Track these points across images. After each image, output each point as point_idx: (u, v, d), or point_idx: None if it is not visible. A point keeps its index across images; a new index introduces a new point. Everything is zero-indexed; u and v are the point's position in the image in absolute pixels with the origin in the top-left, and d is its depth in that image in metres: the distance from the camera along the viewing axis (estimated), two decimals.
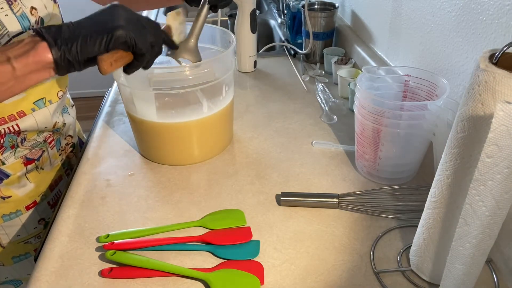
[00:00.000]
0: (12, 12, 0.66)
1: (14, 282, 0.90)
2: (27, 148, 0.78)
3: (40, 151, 0.81)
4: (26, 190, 0.81)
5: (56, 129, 0.83)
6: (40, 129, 0.78)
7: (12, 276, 0.89)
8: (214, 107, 0.78)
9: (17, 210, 0.81)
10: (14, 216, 0.81)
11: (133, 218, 0.68)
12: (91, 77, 2.07)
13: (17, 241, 0.84)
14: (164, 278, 0.58)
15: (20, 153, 0.78)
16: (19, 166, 0.78)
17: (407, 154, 0.71)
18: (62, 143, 0.88)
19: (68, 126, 0.88)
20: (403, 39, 0.90)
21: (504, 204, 0.42)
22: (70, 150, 0.93)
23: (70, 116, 0.89)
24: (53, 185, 0.87)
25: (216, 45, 0.86)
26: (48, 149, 0.83)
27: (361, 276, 0.58)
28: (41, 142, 0.81)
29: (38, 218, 0.85)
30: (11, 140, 0.75)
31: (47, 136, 0.82)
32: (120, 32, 0.53)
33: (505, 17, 0.57)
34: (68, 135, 0.90)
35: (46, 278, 0.58)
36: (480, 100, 0.40)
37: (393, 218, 0.67)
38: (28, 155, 0.79)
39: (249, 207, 0.70)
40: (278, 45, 1.36)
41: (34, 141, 0.79)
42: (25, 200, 0.81)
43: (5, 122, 0.72)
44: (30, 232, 0.84)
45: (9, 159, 0.76)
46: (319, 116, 0.95)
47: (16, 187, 0.79)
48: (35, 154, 0.80)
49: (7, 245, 0.83)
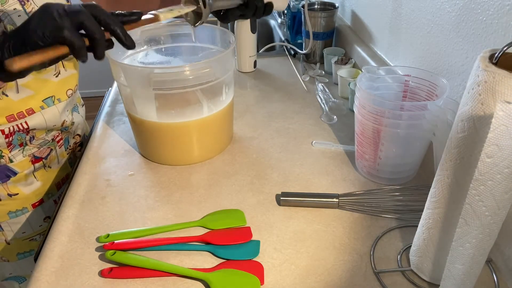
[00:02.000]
0: (25, 12, 0.67)
1: (18, 279, 0.91)
2: (35, 147, 0.80)
3: (48, 149, 0.82)
4: (33, 188, 0.82)
5: (64, 127, 0.84)
6: (48, 127, 0.79)
7: (16, 273, 0.90)
8: (214, 107, 0.78)
9: (23, 208, 0.82)
10: (20, 213, 0.82)
11: (133, 218, 0.68)
12: (91, 77, 2.08)
13: (22, 238, 0.85)
14: (164, 278, 0.58)
15: (28, 151, 0.79)
16: (27, 164, 0.79)
17: (407, 154, 0.71)
18: (70, 142, 0.89)
19: (76, 125, 0.89)
20: (403, 39, 0.90)
21: (504, 204, 0.42)
22: (79, 149, 0.94)
23: (80, 115, 0.90)
24: (59, 184, 0.88)
25: (216, 45, 0.86)
26: (56, 147, 0.84)
27: (361, 276, 0.58)
28: (50, 140, 0.82)
29: (43, 216, 0.86)
30: (20, 138, 0.76)
31: (56, 134, 0.83)
32: (31, 32, 0.51)
33: (505, 17, 0.57)
34: (76, 134, 0.91)
35: (46, 278, 0.58)
36: (480, 100, 0.40)
37: (393, 218, 0.67)
38: (36, 153, 0.80)
39: (249, 207, 0.70)
40: (278, 45, 1.36)
41: (43, 139, 0.81)
42: (32, 198, 0.82)
43: (14, 119, 0.73)
44: (36, 229, 0.85)
45: (17, 156, 0.77)
46: (319, 116, 0.95)
47: (23, 184, 0.80)
48: (43, 152, 0.82)
49: (12, 242, 0.84)
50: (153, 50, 0.88)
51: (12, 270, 0.90)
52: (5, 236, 0.83)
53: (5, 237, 0.83)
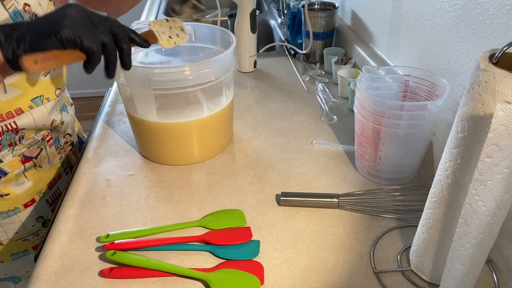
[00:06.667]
0: (4, 8, 0.66)
1: (13, 279, 0.91)
2: (25, 146, 0.79)
3: (38, 149, 0.81)
4: (24, 188, 0.81)
5: (54, 127, 0.83)
6: (38, 126, 0.78)
7: (11, 273, 0.90)
8: (214, 107, 0.78)
9: (15, 208, 0.81)
10: (12, 213, 0.81)
11: (133, 218, 0.68)
12: (91, 77, 2.07)
13: (16, 238, 0.84)
14: (164, 278, 0.58)
15: (18, 151, 0.78)
16: (17, 164, 0.78)
17: (407, 154, 0.71)
18: (61, 142, 0.88)
19: (66, 125, 0.88)
20: (403, 39, 0.90)
21: (504, 204, 0.42)
22: (69, 148, 0.93)
23: (69, 115, 0.89)
24: (51, 184, 0.87)
25: (216, 45, 0.86)
26: (46, 147, 0.83)
27: (361, 276, 0.58)
28: (39, 140, 0.81)
29: (36, 216, 0.85)
30: (9, 138, 0.75)
31: (45, 134, 0.82)
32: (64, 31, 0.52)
33: (505, 17, 0.57)
34: (66, 133, 0.90)
35: (46, 278, 0.58)
36: (480, 100, 0.40)
37: (393, 218, 0.67)
38: (26, 153, 0.79)
39: (249, 207, 0.70)
40: (278, 45, 1.36)
41: (32, 139, 0.79)
42: (23, 198, 0.81)
43: (3, 119, 0.72)
44: (28, 229, 0.85)
45: (7, 157, 0.76)
46: (319, 116, 0.95)
47: (14, 184, 0.79)
48: (33, 152, 0.81)
49: (6, 243, 0.84)
50: (153, 50, 0.88)
51: (6, 271, 0.89)
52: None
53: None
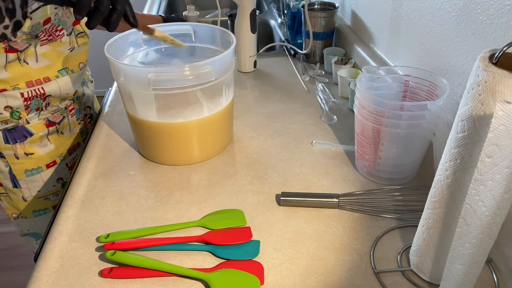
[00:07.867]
0: None
1: (35, 235, 1.03)
2: (50, 112, 0.90)
3: (61, 116, 0.93)
4: (47, 150, 0.92)
5: (76, 97, 0.96)
6: (62, 95, 0.90)
7: (33, 229, 1.02)
8: (214, 107, 0.78)
9: (38, 167, 0.92)
10: (36, 172, 0.92)
11: (133, 218, 0.68)
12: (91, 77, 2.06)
13: (38, 196, 0.95)
14: (164, 278, 0.58)
15: (43, 115, 0.89)
16: (42, 127, 0.90)
17: (407, 154, 0.71)
18: (81, 113, 1.01)
19: (87, 97, 1.03)
20: (403, 39, 0.90)
21: (504, 204, 0.42)
22: (89, 121, 1.06)
23: (89, 89, 1.04)
24: (71, 150, 0.99)
25: (216, 45, 0.86)
26: (68, 116, 0.95)
27: (361, 276, 0.58)
28: (63, 108, 0.93)
29: (56, 177, 0.96)
30: (37, 103, 0.87)
31: (68, 104, 0.95)
32: None
33: (505, 17, 0.57)
34: (86, 106, 1.03)
35: (46, 278, 0.58)
36: (480, 100, 0.40)
37: (393, 218, 0.67)
38: (50, 118, 0.91)
39: (249, 207, 0.70)
40: (278, 45, 1.36)
41: (57, 107, 0.92)
42: (46, 159, 0.92)
43: (33, 85, 0.84)
44: (49, 189, 0.96)
45: (33, 119, 0.88)
46: (319, 116, 0.95)
47: (38, 146, 0.90)
48: (57, 118, 0.92)
49: (29, 200, 0.95)
50: (153, 50, 0.88)
51: (29, 226, 1.00)
52: (22, 193, 0.94)
53: (22, 194, 0.94)
